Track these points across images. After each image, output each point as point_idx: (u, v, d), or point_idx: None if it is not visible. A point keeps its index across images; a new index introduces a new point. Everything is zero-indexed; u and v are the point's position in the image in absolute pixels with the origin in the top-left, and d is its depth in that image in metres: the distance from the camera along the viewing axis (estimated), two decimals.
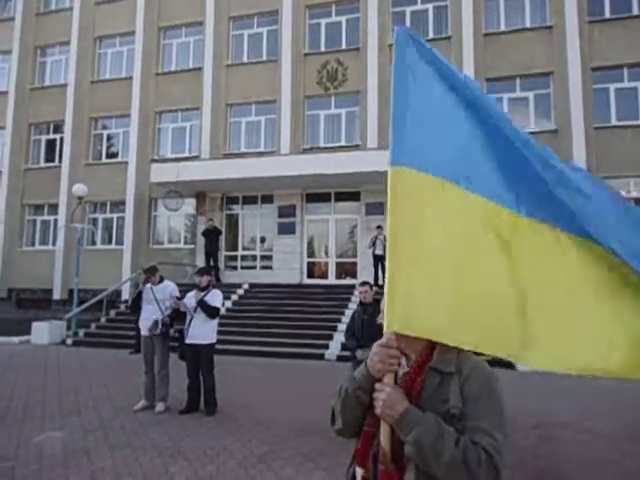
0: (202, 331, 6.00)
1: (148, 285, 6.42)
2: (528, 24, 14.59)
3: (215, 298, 6.13)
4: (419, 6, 15.38)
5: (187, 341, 6.03)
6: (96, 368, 9.01)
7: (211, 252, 14.80)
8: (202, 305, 5.99)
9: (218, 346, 6.35)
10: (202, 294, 6.08)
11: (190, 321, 6.04)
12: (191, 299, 6.14)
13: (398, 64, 1.57)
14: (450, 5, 15.01)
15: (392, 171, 1.47)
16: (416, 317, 1.38)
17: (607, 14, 14.03)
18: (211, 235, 14.73)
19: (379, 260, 13.03)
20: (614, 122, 13.61)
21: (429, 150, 1.48)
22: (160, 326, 6.14)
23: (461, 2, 14.72)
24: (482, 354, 1.37)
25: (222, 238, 15.51)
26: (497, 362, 8.07)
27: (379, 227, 13.16)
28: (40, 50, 19.25)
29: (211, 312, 6.03)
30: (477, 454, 1.24)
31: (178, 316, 6.24)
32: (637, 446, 4.81)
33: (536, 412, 5.95)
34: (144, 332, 6.27)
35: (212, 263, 14.71)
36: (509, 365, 8.96)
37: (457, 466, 1.23)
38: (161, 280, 6.49)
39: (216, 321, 6.21)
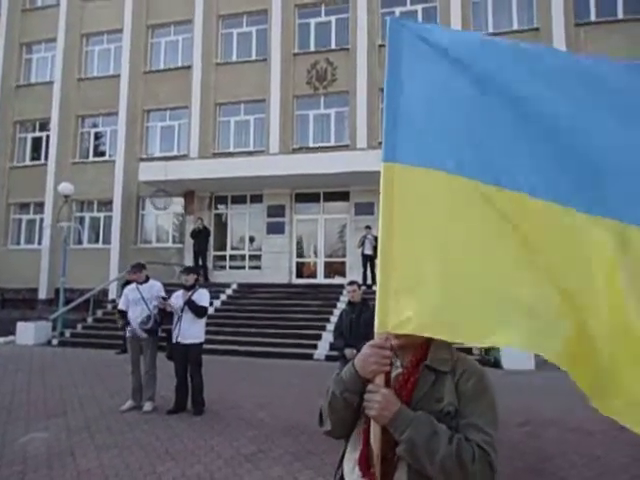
0: (190, 330, 5.97)
1: (133, 285, 6.38)
2: (515, 26, 14.73)
3: (202, 297, 6.10)
4: (408, 7, 15.46)
5: (175, 341, 5.98)
6: (82, 368, 8.91)
7: (200, 252, 14.71)
8: (190, 305, 5.96)
9: (206, 346, 6.33)
10: (189, 293, 6.05)
11: (177, 321, 6.01)
12: (178, 299, 6.10)
13: (391, 57, 1.52)
14: (439, 6, 15.11)
15: (384, 167, 1.45)
16: (409, 315, 1.36)
17: (593, 17, 14.23)
18: (199, 235, 14.64)
19: (368, 260, 13.08)
20: None
21: (424, 142, 1.45)
22: (152, 321, 6.09)
23: (450, 3, 14.82)
24: (471, 352, 1.36)
25: (211, 238, 15.42)
26: (483, 362, 8.15)
27: (368, 227, 13.20)
28: (26, 47, 18.99)
29: (199, 311, 6.00)
30: (471, 450, 1.24)
31: (165, 316, 6.21)
32: (622, 443, 4.88)
33: (522, 410, 6.01)
34: (131, 333, 6.21)
35: (200, 263, 14.63)
36: (495, 364, 9.06)
37: (451, 463, 1.23)
38: (147, 279, 6.44)
39: (204, 320, 6.18)
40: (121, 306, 6.40)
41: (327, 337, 10.23)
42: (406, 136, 1.46)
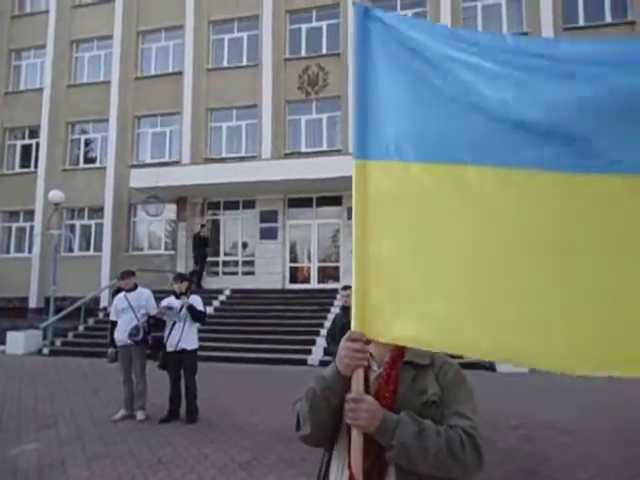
0: (187, 337, 5.92)
1: (122, 294, 6.33)
2: (505, 31, 14.85)
3: (198, 303, 6.08)
4: (399, 12, 15.52)
5: (171, 349, 5.89)
6: (73, 378, 8.80)
7: (200, 257, 14.72)
8: (190, 310, 5.91)
9: (200, 352, 6.27)
10: (186, 299, 6.00)
11: (171, 329, 5.94)
12: (170, 305, 6.05)
13: (359, 49, 1.47)
14: (429, 12, 15.23)
15: (356, 165, 1.42)
16: (386, 323, 1.34)
17: (581, 22, 14.41)
18: (201, 242, 14.67)
19: None
20: None
21: (396, 137, 1.40)
22: (142, 332, 6.03)
23: (440, 9, 14.94)
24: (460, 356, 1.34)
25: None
26: (477, 365, 8.07)
27: None
28: (15, 53, 18.88)
29: (199, 316, 5.97)
30: (459, 437, 1.26)
31: (157, 324, 6.14)
32: (617, 445, 4.89)
33: (516, 413, 6.00)
34: (120, 342, 6.14)
35: (198, 269, 14.59)
36: (489, 367, 9.06)
37: (443, 455, 1.24)
38: (135, 287, 6.38)
39: (197, 326, 6.15)
40: (112, 317, 6.35)
41: (321, 342, 10.18)
42: (376, 131, 1.42)
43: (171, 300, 6.09)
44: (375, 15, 1.49)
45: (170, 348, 5.91)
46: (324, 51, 15.84)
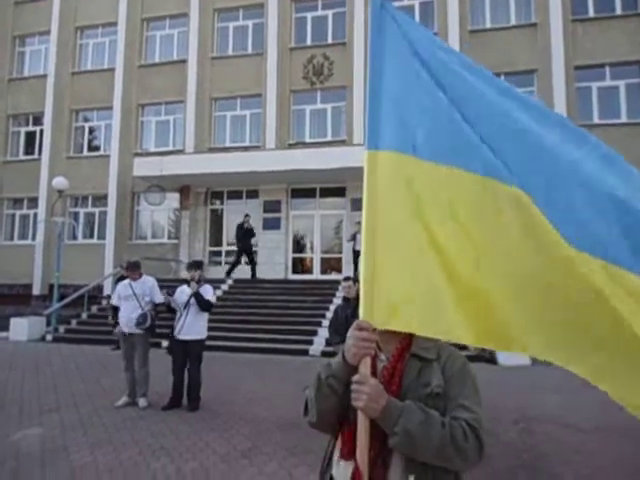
0: (194, 326, 5.93)
1: (126, 281, 6.33)
2: (513, 21, 14.70)
3: (208, 292, 6.07)
4: (406, 2, 15.37)
5: (178, 336, 5.91)
6: (76, 364, 8.86)
7: (244, 249, 14.15)
8: (197, 297, 5.92)
9: None
10: (197, 287, 6.00)
11: (180, 316, 5.96)
12: (182, 294, 6.06)
13: (374, 41, 1.49)
14: (436, 1, 15.04)
15: (368, 156, 1.43)
16: (393, 312, 1.35)
17: (591, 13, 14.22)
18: (246, 234, 14.08)
19: (359, 256, 12.99)
20: (596, 121, 13.79)
21: (409, 131, 1.43)
22: (149, 320, 6.04)
23: None
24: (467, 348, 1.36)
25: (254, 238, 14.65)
26: (479, 357, 8.08)
27: (359, 223, 13.13)
28: (19, 39, 18.79)
29: (205, 305, 5.96)
30: (462, 429, 1.27)
31: (169, 310, 6.14)
32: (617, 439, 4.89)
33: (517, 407, 6.01)
34: (123, 329, 6.16)
35: (247, 259, 14.27)
36: (491, 360, 9.06)
37: (447, 446, 1.25)
38: (140, 276, 6.39)
39: (206, 317, 6.15)
40: (114, 302, 6.37)
41: (323, 333, 10.21)
42: (389, 123, 1.44)
43: (182, 289, 6.11)
44: (390, 10, 1.53)
45: (177, 335, 5.94)
46: (329, 40, 15.69)
